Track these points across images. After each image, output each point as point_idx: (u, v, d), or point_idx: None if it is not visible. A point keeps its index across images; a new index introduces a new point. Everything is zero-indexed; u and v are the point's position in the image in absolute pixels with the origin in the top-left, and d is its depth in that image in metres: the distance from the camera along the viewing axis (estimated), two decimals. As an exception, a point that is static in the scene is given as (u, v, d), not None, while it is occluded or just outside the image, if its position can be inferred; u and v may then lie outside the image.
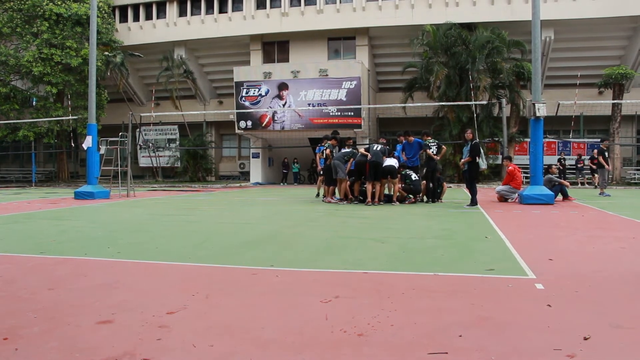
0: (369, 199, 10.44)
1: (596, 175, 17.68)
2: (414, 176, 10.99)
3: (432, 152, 11.01)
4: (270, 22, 26.23)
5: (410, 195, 10.95)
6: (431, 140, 11.40)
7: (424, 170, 11.18)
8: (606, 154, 14.74)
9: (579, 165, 22.72)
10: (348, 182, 11.03)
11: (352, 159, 10.79)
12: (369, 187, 10.58)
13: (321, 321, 2.71)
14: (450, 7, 24.19)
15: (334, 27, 25.49)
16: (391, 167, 10.33)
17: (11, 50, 24.70)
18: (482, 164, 9.90)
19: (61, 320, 2.75)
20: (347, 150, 11.09)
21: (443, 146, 12.51)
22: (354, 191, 11.04)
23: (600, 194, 13.94)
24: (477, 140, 10.13)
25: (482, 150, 10.02)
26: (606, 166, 14.35)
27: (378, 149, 10.43)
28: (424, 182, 11.17)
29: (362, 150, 10.94)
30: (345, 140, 11.72)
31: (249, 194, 16.47)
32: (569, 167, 22.98)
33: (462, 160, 10.16)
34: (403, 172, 11.00)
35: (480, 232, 6.29)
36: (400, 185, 10.82)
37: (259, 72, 25.05)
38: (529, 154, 12.73)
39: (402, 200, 10.81)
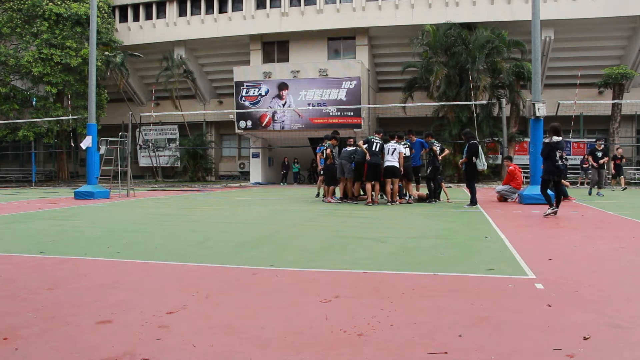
0: (369, 199, 10.44)
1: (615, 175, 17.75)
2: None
3: (437, 151, 11.05)
4: (270, 22, 26.22)
5: (407, 195, 10.99)
6: (434, 142, 11.41)
7: (429, 170, 11.18)
8: (599, 154, 14.78)
9: (584, 166, 22.69)
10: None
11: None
12: (368, 187, 10.57)
13: (321, 321, 2.71)
14: (450, 7, 24.18)
15: (334, 27, 25.47)
16: (393, 167, 10.28)
17: (11, 50, 24.67)
18: (480, 164, 9.88)
19: (61, 320, 2.75)
20: (352, 148, 10.99)
21: (446, 149, 12.52)
22: (353, 191, 11.05)
23: (597, 193, 14.12)
24: (475, 140, 10.10)
25: (480, 151, 10.01)
26: (594, 164, 14.76)
27: (378, 148, 10.36)
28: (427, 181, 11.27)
29: (360, 143, 10.63)
30: (346, 140, 11.67)
31: (248, 193, 16.47)
32: (571, 166, 22.93)
33: (461, 160, 10.19)
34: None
35: (480, 232, 6.29)
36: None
37: (259, 72, 25.04)
38: (528, 153, 12.74)
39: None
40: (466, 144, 10.00)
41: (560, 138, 7.86)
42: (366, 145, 10.42)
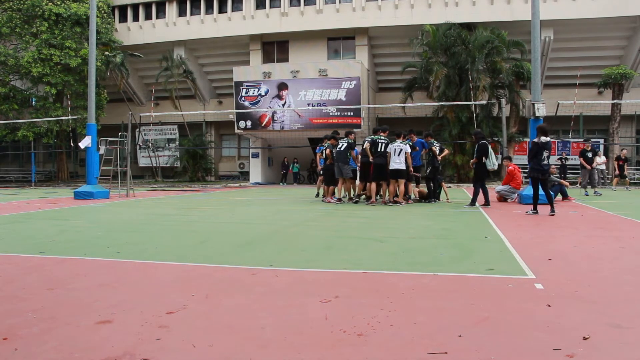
0: (373, 198, 10.42)
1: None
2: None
3: (436, 152, 11.05)
4: (270, 22, 26.22)
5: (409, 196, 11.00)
6: (434, 142, 11.41)
7: (428, 170, 11.18)
8: (589, 154, 15.20)
9: None
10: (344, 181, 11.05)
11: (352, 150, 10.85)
12: (372, 187, 10.53)
13: (321, 321, 2.71)
14: (450, 7, 24.18)
15: (334, 27, 25.46)
16: (399, 170, 10.24)
17: (10, 50, 24.66)
18: (489, 164, 9.91)
19: (61, 320, 2.75)
20: (344, 145, 10.78)
21: (445, 149, 12.50)
22: (353, 191, 11.07)
23: (595, 193, 14.22)
24: (485, 140, 10.11)
25: (491, 151, 10.01)
26: (587, 166, 14.97)
27: (383, 148, 10.31)
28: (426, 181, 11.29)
29: (367, 145, 10.47)
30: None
31: (248, 194, 16.46)
32: (571, 166, 22.94)
33: (471, 160, 10.27)
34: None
35: (480, 232, 6.29)
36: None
37: (259, 72, 25.04)
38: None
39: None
40: (476, 144, 10.00)
41: (548, 138, 8.38)
42: (371, 146, 10.39)
